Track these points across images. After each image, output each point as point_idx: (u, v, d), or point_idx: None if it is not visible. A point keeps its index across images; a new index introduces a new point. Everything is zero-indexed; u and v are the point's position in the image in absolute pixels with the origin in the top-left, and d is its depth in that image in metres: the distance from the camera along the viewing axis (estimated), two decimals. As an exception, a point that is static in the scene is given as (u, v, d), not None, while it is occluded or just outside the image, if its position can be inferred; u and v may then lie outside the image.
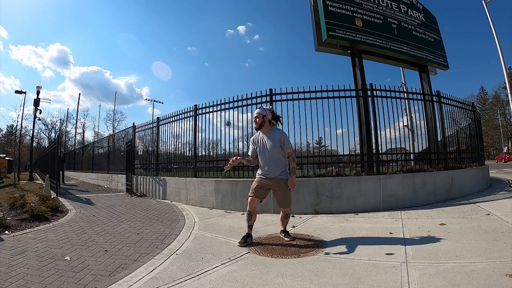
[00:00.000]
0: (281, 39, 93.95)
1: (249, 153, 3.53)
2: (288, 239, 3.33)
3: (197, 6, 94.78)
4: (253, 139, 3.52)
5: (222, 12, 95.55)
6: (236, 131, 6.39)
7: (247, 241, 3.22)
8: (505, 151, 36.75)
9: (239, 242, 3.23)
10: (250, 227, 3.31)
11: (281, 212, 3.45)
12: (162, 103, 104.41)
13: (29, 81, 68.50)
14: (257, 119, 3.38)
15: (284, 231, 3.48)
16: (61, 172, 12.71)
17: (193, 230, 4.00)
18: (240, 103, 6.04)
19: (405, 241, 3.09)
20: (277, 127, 3.57)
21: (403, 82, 18.09)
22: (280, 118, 3.69)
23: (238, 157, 3.41)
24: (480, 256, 2.50)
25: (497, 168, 16.75)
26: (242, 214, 5.13)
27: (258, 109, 3.44)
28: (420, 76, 8.38)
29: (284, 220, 3.46)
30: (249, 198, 3.34)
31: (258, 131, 3.48)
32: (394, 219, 4.20)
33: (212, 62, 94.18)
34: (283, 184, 3.33)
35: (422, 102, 6.54)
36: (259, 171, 3.49)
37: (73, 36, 78.32)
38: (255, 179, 3.47)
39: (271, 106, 3.43)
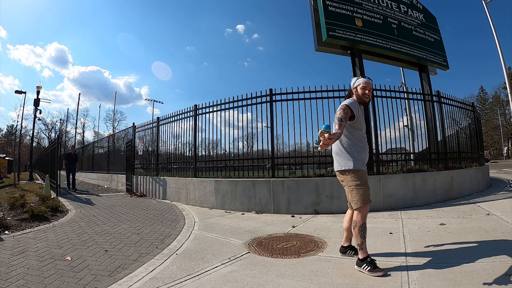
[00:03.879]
0: (281, 38, 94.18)
1: (340, 131, 2.31)
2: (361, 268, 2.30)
3: (195, 5, 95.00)
4: (356, 111, 2.43)
5: (221, 11, 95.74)
6: (236, 131, 6.40)
7: None
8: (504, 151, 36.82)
9: None
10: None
11: (351, 216, 2.63)
12: (162, 103, 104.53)
13: (28, 80, 68.31)
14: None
15: (352, 248, 2.57)
16: (71, 174, 10.36)
17: (193, 230, 4.00)
18: (240, 103, 6.05)
19: (405, 241, 3.09)
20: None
21: (403, 82, 18.05)
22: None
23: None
24: (480, 256, 2.50)
25: (497, 168, 16.75)
26: (242, 214, 5.14)
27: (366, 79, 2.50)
28: (420, 76, 8.38)
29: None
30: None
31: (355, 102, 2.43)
32: (394, 219, 4.20)
33: (211, 62, 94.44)
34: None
35: (422, 102, 6.54)
36: (359, 164, 2.44)
37: (72, 36, 78.38)
38: (363, 176, 2.46)
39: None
